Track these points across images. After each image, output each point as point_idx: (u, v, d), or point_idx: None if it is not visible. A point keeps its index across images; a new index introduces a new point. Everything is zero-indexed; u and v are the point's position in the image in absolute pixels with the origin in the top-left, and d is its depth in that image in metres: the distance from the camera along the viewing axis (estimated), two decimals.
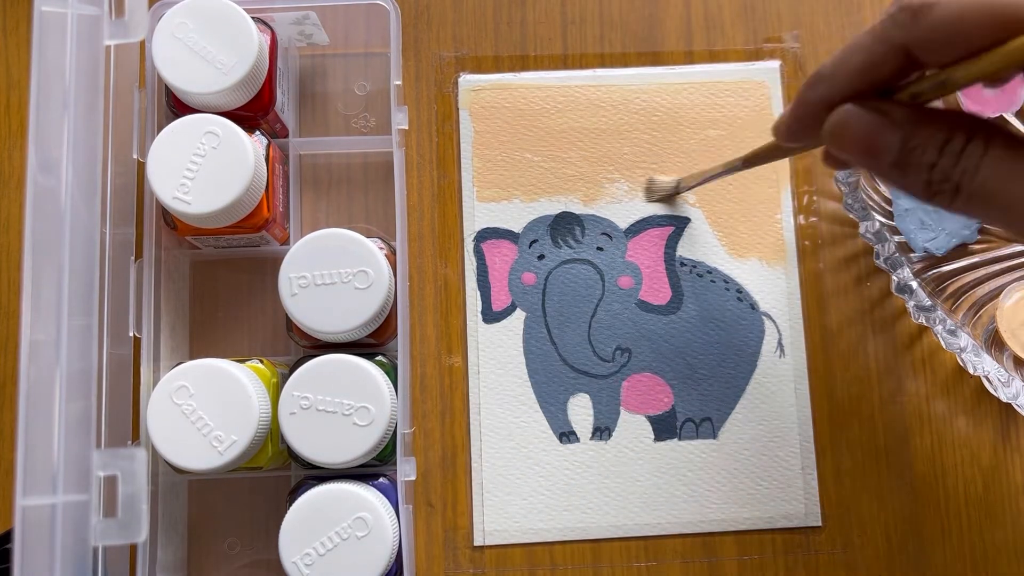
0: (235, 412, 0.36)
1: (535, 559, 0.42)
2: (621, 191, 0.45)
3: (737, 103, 0.45)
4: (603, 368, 0.43)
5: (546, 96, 0.45)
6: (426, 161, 0.45)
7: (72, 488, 0.32)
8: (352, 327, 0.37)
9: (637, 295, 0.44)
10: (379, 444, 0.36)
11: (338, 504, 0.35)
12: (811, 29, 0.46)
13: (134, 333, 0.39)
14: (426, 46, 0.46)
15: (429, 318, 0.44)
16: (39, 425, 0.31)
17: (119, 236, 0.39)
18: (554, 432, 0.43)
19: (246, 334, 0.43)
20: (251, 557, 0.41)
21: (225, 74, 0.38)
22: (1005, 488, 0.42)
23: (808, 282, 0.44)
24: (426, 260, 0.44)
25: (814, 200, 0.45)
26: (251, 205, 0.38)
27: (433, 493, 0.42)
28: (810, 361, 0.43)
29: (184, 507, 0.42)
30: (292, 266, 0.37)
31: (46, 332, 0.32)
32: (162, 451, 0.36)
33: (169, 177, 0.37)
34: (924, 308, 0.40)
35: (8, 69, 0.45)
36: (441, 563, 0.42)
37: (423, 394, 0.43)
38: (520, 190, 0.45)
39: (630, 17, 0.46)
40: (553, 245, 0.44)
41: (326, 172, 0.45)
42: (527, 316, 0.44)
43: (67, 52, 0.34)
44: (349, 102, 0.45)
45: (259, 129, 0.40)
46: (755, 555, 0.42)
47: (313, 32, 0.43)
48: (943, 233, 0.42)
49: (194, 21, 0.38)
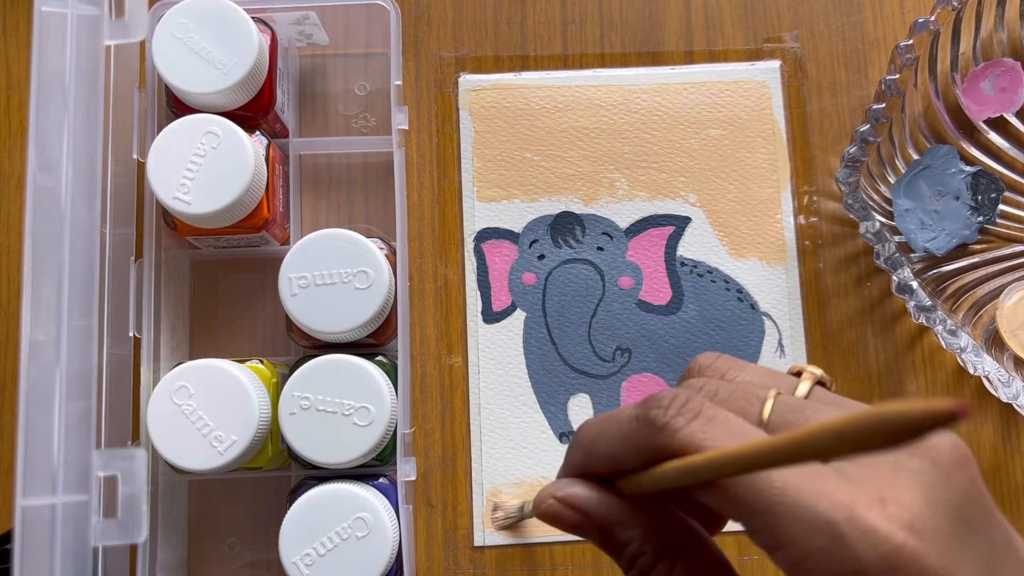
0: (235, 412, 0.36)
1: (535, 559, 0.42)
2: (621, 191, 0.45)
3: (737, 103, 0.45)
4: (603, 368, 0.43)
5: (546, 96, 0.45)
6: (426, 161, 0.45)
7: (72, 488, 0.32)
8: (352, 327, 0.37)
9: (637, 295, 0.44)
10: (379, 444, 0.36)
11: (338, 504, 0.35)
12: (811, 29, 0.46)
13: (134, 333, 0.39)
14: (426, 46, 0.46)
15: (429, 318, 0.44)
16: (39, 425, 0.31)
17: (119, 236, 0.39)
18: (554, 432, 0.43)
19: (246, 334, 0.43)
20: (251, 557, 0.41)
21: (225, 74, 0.38)
22: (1005, 488, 0.42)
23: (808, 282, 0.44)
24: (426, 260, 0.44)
25: (814, 200, 0.45)
26: (251, 205, 0.38)
27: (433, 493, 0.42)
28: (810, 361, 0.43)
29: (184, 507, 0.42)
30: (292, 266, 0.37)
31: (46, 332, 0.32)
32: (162, 451, 0.36)
33: (169, 177, 0.37)
34: (924, 308, 0.40)
35: (8, 69, 0.45)
36: (441, 563, 0.42)
37: (423, 394, 0.43)
38: (520, 190, 0.45)
39: (630, 17, 0.46)
40: (553, 245, 0.44)
41: (326, 172, 0.45)
42: (527, 316, 0.44)
43: (67, 52, 0.34)
44: (349, 102, 0.45)
45: (259, 129, 0.40)
46: (755, 555, 0.42)
47: (313, 32, 0.43)
48: (943, 233, 0.42)
49: (194, 21, 0.38)
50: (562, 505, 0.25)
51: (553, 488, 0.25)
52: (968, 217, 0.42)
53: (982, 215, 0.42)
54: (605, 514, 0.24)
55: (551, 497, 0.25)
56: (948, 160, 0.42)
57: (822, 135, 0.45)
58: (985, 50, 0.43)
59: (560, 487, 0.25)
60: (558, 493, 0.25)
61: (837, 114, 0.45)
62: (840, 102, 0.46)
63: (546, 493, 0.25)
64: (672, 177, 0.45)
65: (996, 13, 0.43)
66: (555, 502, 0.25)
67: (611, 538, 0.24)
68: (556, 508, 0.25)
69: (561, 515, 0.25)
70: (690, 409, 0.22)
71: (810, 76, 0.46)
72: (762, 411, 0.22)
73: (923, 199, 0.42)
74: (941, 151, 0.42)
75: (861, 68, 0.46)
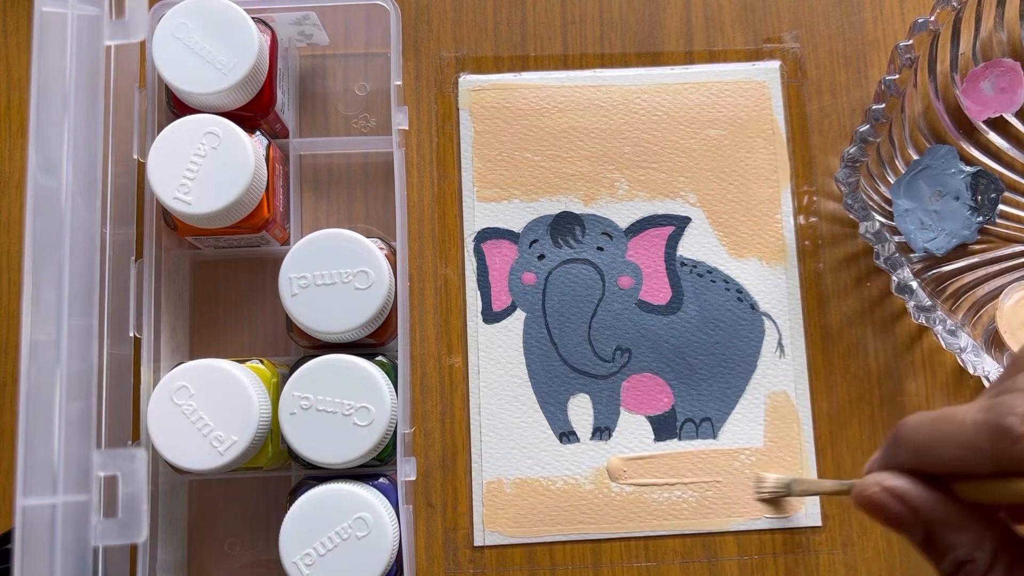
0: (235, 412, 0.36)
1: (535, 559, 0.42)
2: (621, 191, 0.45)
3: (737, 103, 0.45)
4: (603, 368, 0.43)
5: (546, 96, 0.45)
6: (426, 161, 0.45)
7: (72, 488, 0.32)
8: (352, 327, 0.37)
9: (637, 295, 0.44)
10: (379, 444, 0.36)
11: (338, 504, 0.35)
12: (811, 29, 0.46)
13: (134, 333, 0.39)
14: (426, 46, 0.46)
15: (429, 318, 0.44)
16: (39, 425, 0.31)
17: (119, 236, 0.39)
18: (554, 432, 0.43)
19: (246, 334, 0.43)
20: (251, 557, 0.41)
21: (225, 74, 0.38)
22: None
23: (808, 282, 0.44)
24: (426, 260, 0.44)
25: (814, 200, 0.45)
26: (251, 205, 0.38)
27: (433, 493, 0.42)
28: (810, 361, 0.43)
29: (184, 507, 0.42)
30: (292, 266, 0.37)
31: (46, 332, 0.32)
32: (162, 451, 0.36)
33: (169, 177, 0.37)
34: (924, 308, 0.40)
35: (8, 69, 0.45)
36: (441, 563, 0.42)
37: (423, 394, 0.43)
38: (520, 190, 0.45)
39: (630, 17, 0.46)
40: (553, 245, 0.44)
41: (326, 172, 0.45)
42: (527, 316, 0.44)
43: (67, 52, 0.34)
44: (349, 102, 0.45)
45: (259, 129, 0.40)
46: (755, 555, 0.42)
47: (313, 32, 0.43)
48: (943, 233, 0.42)
49: (194, 21, 0.38)
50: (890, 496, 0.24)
51: (882, 478, 0.25)
52: (968, 217, 0.42)
53: (982, 215, 0.42)
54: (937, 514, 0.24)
55: (878, 486, 0.24)
56: (948, 160, 0.42)
57: (822, 135, 0.45)
58: (985, 50, 0.43)
59: (890, 479, 0.24)
60: (887, 483, 0.24)
61: (837, 114, 0.45)
62: (840, 102, 0.46)
63: (873, 480, 0.25)
64: (672, 177, 0.45)
65: (996, 13, 0.43)
66: (883, 492, 0.24)
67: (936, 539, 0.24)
68: (883, 498, 0.24)
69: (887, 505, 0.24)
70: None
71: (810, 76, 0.46)
72: None
73: (923, 199, 0.42)
74: (941, 151, 0.42)
75: (861, 68, 0.46)
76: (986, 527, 0.23)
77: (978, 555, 0.23)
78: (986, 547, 0.23)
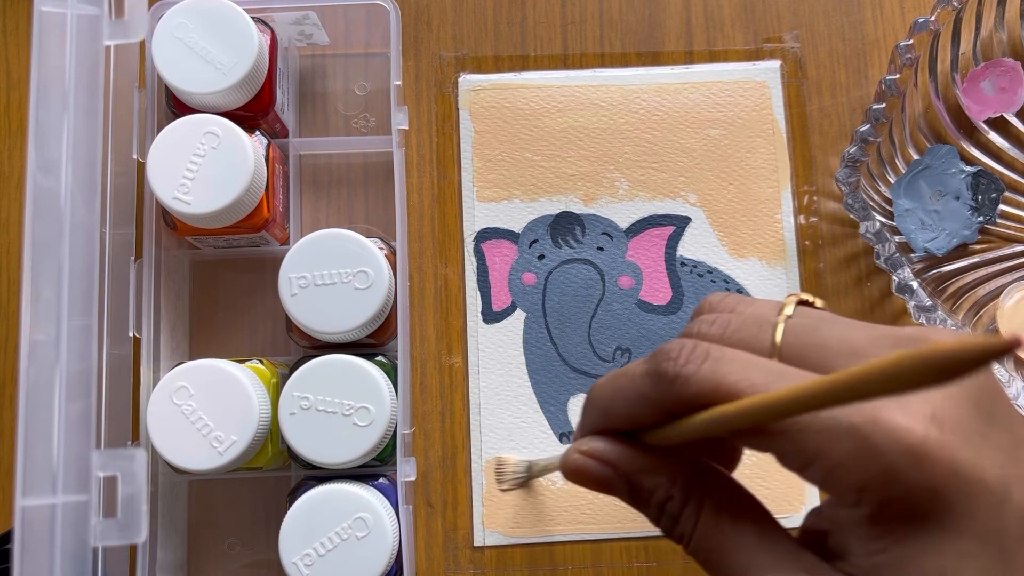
0: (235, 412, 0.36)
1: (535, 559, 0.42)
2: (621, 191, 0.45)
3: (737, 103, 0.45)
4: (603, 368, 0.43)
5: (546, 96, 0.45)
6: (426, 161, 0.45)
7: (72, 488, 0.32)
8: (352, 327, 0.37)
9: (637, 295, 0.44)
10: (379, 444, 0.36)
11: (338, 504, 0.35)
12: (811, 29, 0.46)
13: (134, 333, 0.39)
14: (426, 46, 0.46)
15: (429, 318, 0.44)
16: (39, 425, 0.31)
17: (119, 236, 0.39)
18: (554, 432, 0.43)
19: (246, 334, 0.43)
20: (251, 557, 0.41)
21: (225, 74, 0.38)
22: None
23: (808, 282, 0.44)
24: (426, 260, 0.44)
25: (814, 200, 0.45)
26: (251, 205, 0.38)
27: (433, 493, 0.42)
28: None
29: (184, 507, 0.42)
30: (292, 266, 0.37)
31: (46, 332, 0.32)
32: (162, 451, 0.36)
33: (169, 177, 0.37)
34: (924, 308, 0.40)
35: (8, 69, 0.45)
36: (441, 563, 0.42)
37: (423, 394, 0.43)
38: (520, 190, 0.45)
39: (630, 17, 0.46)
40: (553, 245, 0.44)
41: (326, 172, 0.45)
42: (527, 316, 0.44)
43: (67, 52, 0.34)
44: (349, 102, 0.45)
45: (259, 129, 0.40)
46: None
47: (313, 32, 0.43)
48: (943, 233, 0.42)
49: (194, 21, 0.38)
50: (588, 458, 0.25)
51: (579, 444, 0.25)
52: (968, 217, 0.42)
53: (982, 215, 0.42)
54: (633, 465, 0.24)
55: (576, 451, 0.25)
56: (948, 160, 0.42)
57: (822, 135, 0.45)
58: (985, 50, 0.43)
59: (585, 442, 0.25)
60: (583, 447, 0.25)
61: (837, 114, 0.45)
62: (840, 102, 0.46)
63: (571, 448, 0.25)
64: (672, 177, 0.45)
65: (996, 13, 0.43)
66: (581, 456, 0.25)
67: (638, 488, 0.24)
68: (582, 462, 0.25)
69: (587, 468, 0.25)
70: (698, 355, 0.22)
71: (810, 76, 0.46)
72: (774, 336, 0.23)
73: (923, 199, 0.42)
74: (941, 151, 0.42)
75: (861, 68, 0.46)
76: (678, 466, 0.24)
77: (674, 491, 0.24)
78: (679, 482, 0.24)
